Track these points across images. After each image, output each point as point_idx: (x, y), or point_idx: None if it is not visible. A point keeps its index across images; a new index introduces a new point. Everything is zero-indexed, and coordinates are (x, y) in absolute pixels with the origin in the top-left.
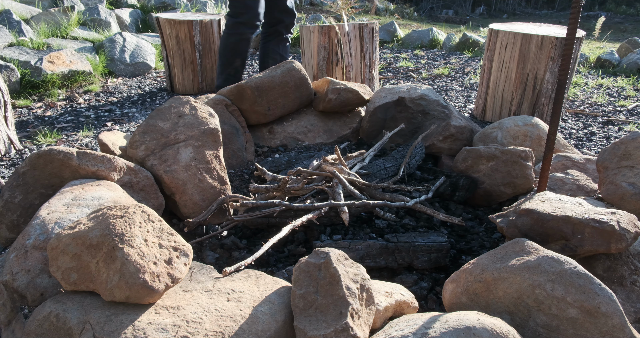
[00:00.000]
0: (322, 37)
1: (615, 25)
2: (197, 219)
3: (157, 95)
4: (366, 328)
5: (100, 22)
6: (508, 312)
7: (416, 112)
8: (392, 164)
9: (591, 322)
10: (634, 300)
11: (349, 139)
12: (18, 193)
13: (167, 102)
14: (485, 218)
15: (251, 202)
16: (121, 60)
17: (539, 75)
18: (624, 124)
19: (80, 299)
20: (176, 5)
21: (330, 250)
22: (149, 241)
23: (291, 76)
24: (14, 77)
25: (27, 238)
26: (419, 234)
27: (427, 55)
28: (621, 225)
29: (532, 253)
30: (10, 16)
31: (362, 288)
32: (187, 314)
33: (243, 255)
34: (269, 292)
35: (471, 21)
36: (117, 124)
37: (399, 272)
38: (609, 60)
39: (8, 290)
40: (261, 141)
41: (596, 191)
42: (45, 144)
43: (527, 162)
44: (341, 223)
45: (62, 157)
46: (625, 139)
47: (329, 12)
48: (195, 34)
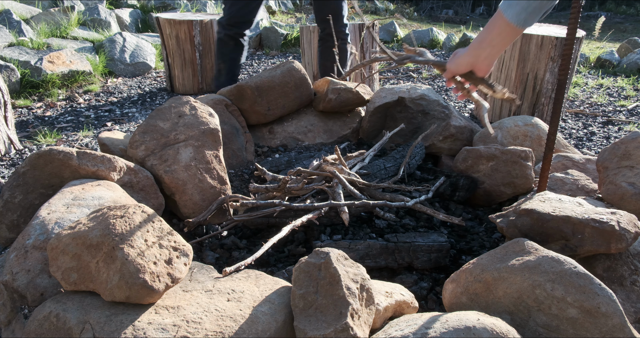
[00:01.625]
0: None
1: (615, 25)
2: (197, 219)
3: (157, 95)
4: (366, 328)
5: (100, 22)
6: (508, 312)
7: (416, 112)
8: (392, 164)
9: (591, 322)
10: (634, 300)
11: (349, 139)
12: (18, 193)
13: (167, 102)
14: (485, 218)
15: (251, 202)
16: (121, 60)
17: (539, 75)
18: (624, 124)
19: (80, 299)
20: (176, 5)
21: (330, 250)
22: (149, 241)
23: (291, 76)
24: (14, 77)
25: (27, 238)
26: (419, 234)
27: None
28: (621, 225)
29: (532, 253)
30: (10, 16)
31: (362, 288)
32: (187, 314)
33: (243, 255)
34: (269, 292)
35: (471, 21)
36: (117, 124)
37: (399, 272)
38: (609, 60)
39: (8, 290)
40: (261, 141)
41: (596, 191)
42: (45, 143)
43: (527, 162)
44: (341, 223)
45: (62, 157)
46: (625, 139)
47: None
48: (195, 34)
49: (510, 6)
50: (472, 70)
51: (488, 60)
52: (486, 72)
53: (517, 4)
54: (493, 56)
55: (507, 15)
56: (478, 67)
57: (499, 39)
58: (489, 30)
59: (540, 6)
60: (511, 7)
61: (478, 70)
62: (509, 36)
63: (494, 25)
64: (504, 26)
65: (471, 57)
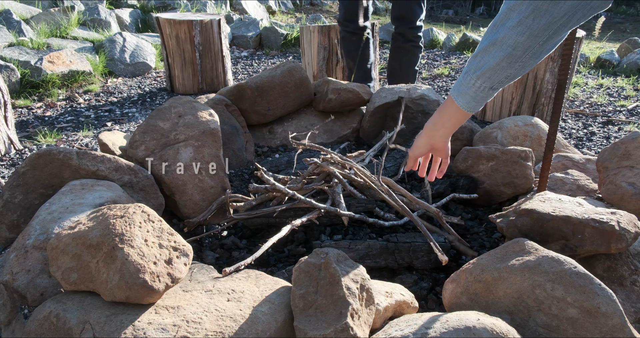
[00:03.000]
0: (322, 37)
1: (615, 25)
2: (197, 219)
3: (157, 95)
4: (366, 328)
5: (100, 22)
6: (508, 312)
7: (416, 112)
8: (392, 164)
9: (591, 322)
10: (634, 300)
11: (349, 139)
12: (18, 193)
13: (167, 102)
14: (485, 218)
15: (251, 202)
16: (121, 60)
17: (539, 75)
18: (624, 124)
19: (80, 299)
20: (176, 5)
21: (330, 250)
22: (149, 241)
23: (291, 76)
24: (14, 77)
25: (27, 238)
26: (419, 234)
27: (427, 55)
28: (621, 225)
29: (532, 253)
30: (10, 16)
31: (362, 288)
32: (187, 314)
33: (243, 255)
34: (269, 292)
35: (471, 21)
36: (117, 124)
37: (399, 272)
38: (609, 60)
39: (8, 290)
40: (261, 141)
41: (596, 191)
42: (45, 144)
43: (527, 162)
44: (341, 223)
45: (62, 157)
46: (625, 139)
47: (329, 12)
48: (195, 34)
49: (460, 95)
50: (432, 147)
51: (443, 138)
52: (443, 147)
53: (466, 94)
54: (447, 135)
55: (459, 102)
56: (435, 144)
57: (450, 122)
58: (441, 113)
59: (485, 97)
60: (461, 95)
61: (436, 146)
62: (459, 119)
63: (446, 110)
64: (455, 112)
65: (428, 138)
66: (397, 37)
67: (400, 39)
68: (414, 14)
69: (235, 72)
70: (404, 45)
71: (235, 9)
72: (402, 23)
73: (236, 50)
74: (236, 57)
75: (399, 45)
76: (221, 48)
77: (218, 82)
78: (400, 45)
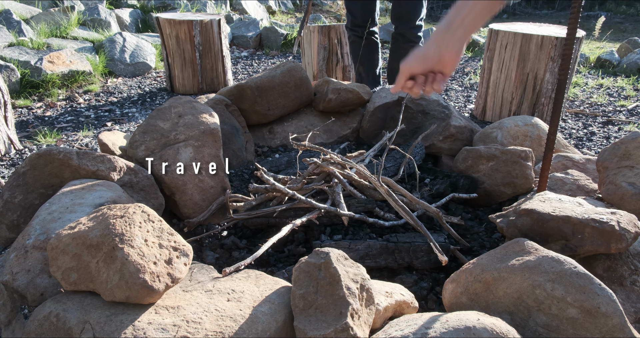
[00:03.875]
0: (322, 37)
1: (615, 25)
2: (197, 219)
3: (157, 95)
4: (366, 328)
5: (100, 22)
6: (508, 312)
7: (416, 112)
8: (392, 164)
9: (591, 322)
10: (634, 300)
11: (349, 139)
12: (18, 193)
13: (167, 102)
14: (485, 218)
15: (251, 202)
16: (121, 60)
17: (539, 75)
18: (624, 124)
19: (80, 299)
20: (176, 5)
21: (330, 250)
22: (149, 241)
23: (291, 76)
24: (14, 77)
25: (27, 238)
26: (419, 234)
27: None
28: (621, 225)
29: (532, 253)
30: (10, 16)
31: (362, 288)
32: (187, 314)
33: (243, 255)
34: (269, 292)
35: None
36: (117, 124)
37: (399, 272)
38: (609, 60)
39: (8, 290)
40: (261, 141)
41: (596, 191)
42: (45, 144)
43: (527, 162)
44: (341, 223)
45: (62, 157)
46: (625, 139)
47: (329, 12)
48: (195, 34)
49: None
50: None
51: (459, 45)
52: (455, 60)
53: None
54: (464, 39)
55: None
56: (446, 56)
57: (471, 16)
58: (459, 8)
59: None
60: None
61: (447, 57)
62: (484, 10)
63: (466, 2)
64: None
65: (437, 46)
66: (397, 37)
67: (401, 39)
68: (414, 13)
69: (235, 72)
70: (404, 45)
71: (235, 9)
72: (402, 23)
73: (236, 50)
74: (236, 57)
75: (399, 46)
76: (221, 48)
77: (218, 82)
78: (401, 46)
